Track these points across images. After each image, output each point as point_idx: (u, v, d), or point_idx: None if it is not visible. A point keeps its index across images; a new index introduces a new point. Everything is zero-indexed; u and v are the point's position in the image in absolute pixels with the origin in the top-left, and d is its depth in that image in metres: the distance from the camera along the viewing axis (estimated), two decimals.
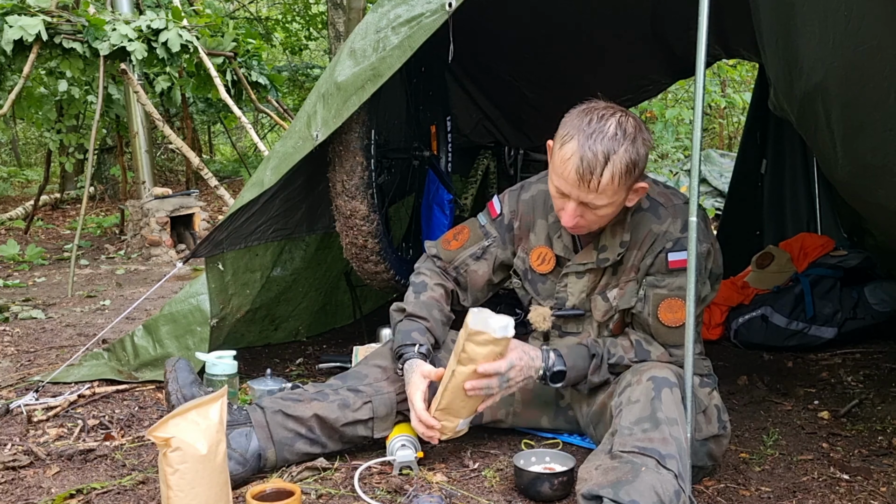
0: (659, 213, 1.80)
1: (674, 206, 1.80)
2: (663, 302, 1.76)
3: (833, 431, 2.15)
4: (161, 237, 6.16)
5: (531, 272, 1.97)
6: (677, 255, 1.75)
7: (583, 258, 1.87)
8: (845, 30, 1.51)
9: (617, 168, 1.62)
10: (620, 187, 1.66)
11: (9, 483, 1.78)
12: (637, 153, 1.65)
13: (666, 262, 1.77)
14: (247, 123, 5.51)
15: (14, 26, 4.70)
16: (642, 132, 1.68)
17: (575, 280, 1.90)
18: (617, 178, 1.63)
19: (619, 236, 1.82)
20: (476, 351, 1.63)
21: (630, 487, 1.40)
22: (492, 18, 2.83)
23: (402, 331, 1.90)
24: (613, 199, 1.68)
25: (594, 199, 1.66)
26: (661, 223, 1.79)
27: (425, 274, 2.02)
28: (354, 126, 2.24)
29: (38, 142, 13.97)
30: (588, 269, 1.87)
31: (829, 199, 3.70)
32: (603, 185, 1.63)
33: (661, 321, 1.77)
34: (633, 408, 1.58)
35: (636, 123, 1.68)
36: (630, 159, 1.64)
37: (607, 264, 1.83)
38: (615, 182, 1.64)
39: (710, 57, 2.70)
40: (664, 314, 1.76)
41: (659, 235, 1.78)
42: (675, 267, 1.76)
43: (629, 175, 1.65)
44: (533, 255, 1.96)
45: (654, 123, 9.15)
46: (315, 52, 15.33)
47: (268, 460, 1.79)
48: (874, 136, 1.61)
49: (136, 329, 2.55)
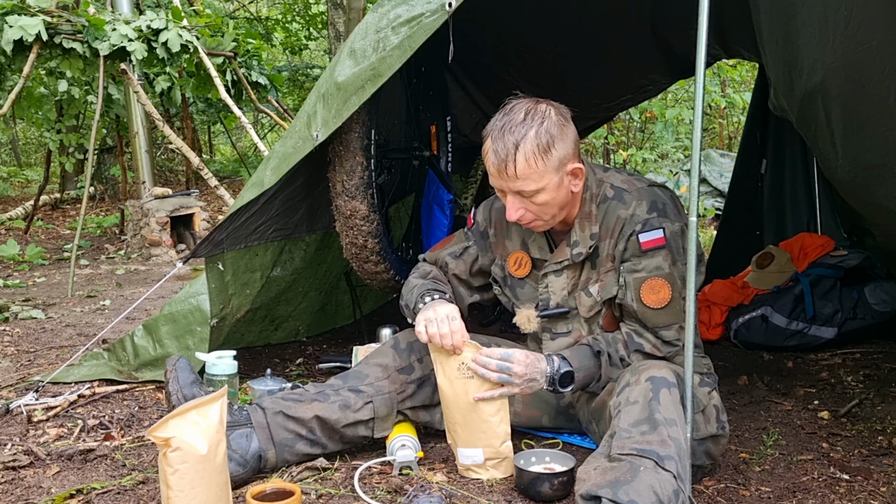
0: (624, 199, 1.81)
1: (637, 190, 1.82)
2: (644, 284, 1.77)
3: (833, 431, 2.15)
4: (161, 237, 6.16)
5: (510, 278, 1.99)
6: (648, 234, 1.76)
7: (558, 256, 1.89)
8: (845, 30, 1.51)
9: (529, 150, 1.68)
10: (543, 170, 1.70)
11: (9, 483, 1.78)
12: (549, 134, 1.69)
13: (638, 245, 1.77)
14: (247, 123, 5.51)
15: (14, 26, 4.70)
16: (558, 117, 1.73)
17: (554, 279, 1.91)
18: (532, 161, 1.68)
19: (587, 229, 1.84)
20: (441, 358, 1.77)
21: (629, 487, 1.40)
22: (492, 18, 2.83)
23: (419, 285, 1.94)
24: (543, 184, 1.71)
25: (522, 185, 1.71)
26: (626, 208, 1.80)
27: (425, 269, 2.05)
28: (354, 126, 2.24)
29: (38, 142, 13.97)
30: (564, 266, 1.89)
31: (829, 199, 3.70)
32: (521, 171, 1.68)
33: (646, 304, 1.77)
34: (631, 409, 1.58)
35: (549, 109, 1.73)
36: (541, 141, 1.69)
37: (581, 258, 1.85)
38: (532, 164, 1.68)
39: (710, 57, 2.69)
40: (647, 296, 1.76)
41: (627, 220, 1.79)
42: (648, 247, 1.77)
43: (546, 155, 1.69)
44: (510, 261, 1.98)
45: (654, 123, 9.14)
46: (315, 52, 15.33)
47: (268, 461, 1.79)
48: (874, 136, 1.62)
49: (136, 329, 2.55)
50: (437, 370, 1.80)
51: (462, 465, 1.79)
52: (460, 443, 1.78)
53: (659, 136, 9.43)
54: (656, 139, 9.82)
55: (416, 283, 1.97)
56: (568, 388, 1.76)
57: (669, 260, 1.75)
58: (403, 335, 2.02)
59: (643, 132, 10.39)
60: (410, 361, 1.95)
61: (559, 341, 1.93)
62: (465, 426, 1.76)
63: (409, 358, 1.95)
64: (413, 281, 1.99)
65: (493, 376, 1.72)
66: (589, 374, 1.78)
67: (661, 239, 1.76)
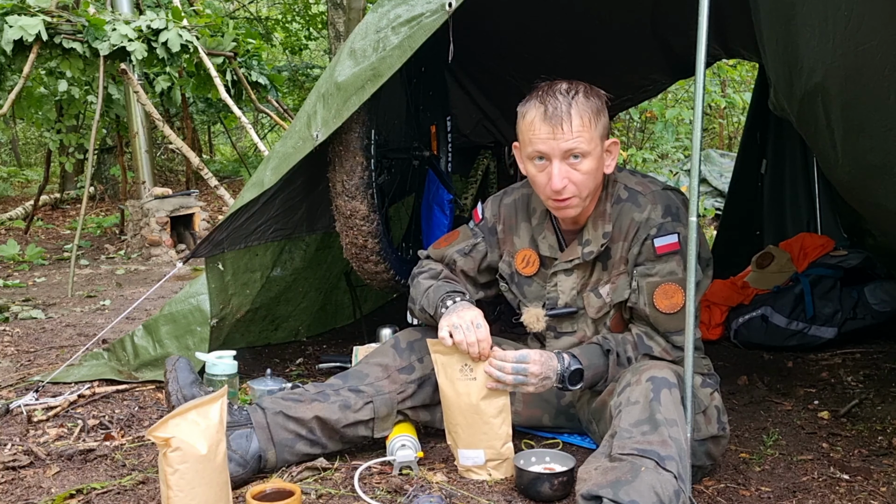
0: (638, 202, 1.81)
1: (652, 193, 1.81)
2: (657, 289, 1.76)
3: (833, 431, 2.15)
4: (161, 237, 6.16)
5: (517, 275, 1.98)
6: (663, 240, 1.76)
7: (569, 255, 1.88)
8: (845, 30, 1.51)
9: (583, 108, 1.70)
10: (593, 132, 1.71)
11: (9, 483, 1.78)
12: (597, 98, 1.73)
13: (653, 249, 1.77)
14: (247, 123, 5.51)
15: (14, 26, 4.70)
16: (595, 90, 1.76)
17: (564, 278, 1.90)
18: (587, 119, 1.70)
19: (600, 228, 1.83)
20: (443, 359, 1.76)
21: (629, 487, 1.40)
22: (492, 18, 2.83)
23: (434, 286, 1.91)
24: (591, 147, 1.71)
25: (576, 144, 1.69)
26: (641, 211, 1.79)
27: (431, 267, 2.02)
28: (354, 126, 2.24)
29: (38, 142, 13.97)
30: (575, 266, 1.88)
31: (829, 199, 3.70)
32: (576, 128, 1.69)
33: (658, 309, 1.76)
34: (632, 409, 1.58)
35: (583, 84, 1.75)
36: (592, 103, 1.72)
37: (592, 257, 1.84)
38: (586, 123, 1.70)
39: (710, 57, 2.69)
40: (660, 301, 1.76)
41: (642, 223, 1.79)
42: (662, 252, 1.76)
43: (596, 118, 1.71)
44: (518, 258, 1.97)
45: (654, 123, 9.14)
46: (315, 52, 15.32)
47: (268, 461, 1.79)
48: (874, 136, 1.61)
49: (136, 329, 2.55)
50: (439, 371, 1.79)
51: (462, 465, 1.79)
52: (461, 444, 1.77)
53: (659, 136, 9.44)
54: (656, 139, 9.82)
55: (429, 284, 1.94)
56: (578, 385, 1.76)
57: (683, 265, 1.74)
58: (404, 335, 2.01)
59: (643, 132, 10.40)
60: (411, 361, 1.94)
61: (563, 340, 1.93)
62: (467, 427, 1.75)
63: (409, 358, 1.95)
64: (424, 282, 1.96)
65: (509, 379, 1.71)
66: (598, 372, 1.78)
67: (675, 244, 1.75)
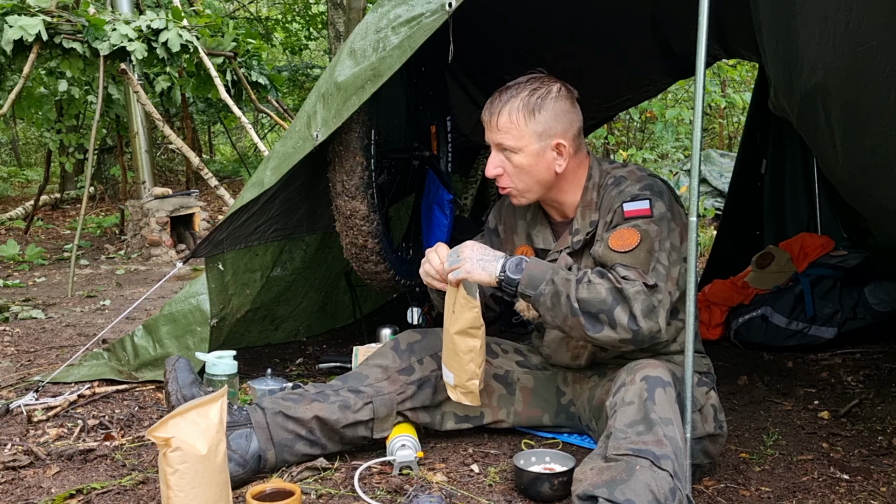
0: (621, 184, 1.82)
1: (637, 176, 1.83)
2: (615, 232, 1.74)
3: (833, 431, 2.15)
4: (161, 237, 6.16)
5: None
6: (632, 204, 1.76)
7: (560, 245, 1.92)
8: (845, 30, 1.51)
9: (514, 107, 1.78)
10: (524, 130, 1.77)
11: (9, 483, 1.78)
12: (540, 100, 1.78)
13: (622, 213, 1.76)
14: (247, 123, 5.51)
15: (14, 26, 4.70)
16: (560, 93, 1.80)
17: None
18: (515, 117, 1.77)
19: (588, 217, 1.86)
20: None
21: (625, 486, 1.40)
22: (492, 18, 2.83)
23: None
24: (522, 145, 1.78)
25: (501, 138, 1.79)
26: (622, 189, 1.80)
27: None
28: (354, 126, 2.24)
29: (38, 142, 13.97)
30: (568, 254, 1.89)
31: (829, 199, 3.70)
32: (502, 124, 1.78)
33: (611, 247, 1.72)
34: (626, 410, 1.58)
35: (555, 85, 1.80)
36: (530, 103, 1.77)
37: (581, 244, 1.86)
38: (514, 120, 1.77)
39: (710, 57, 2.69)
40: (614, 241, 1.73)
41: (617, 196, 1.80)
42: (630, 215, 1.75)
43: (529, 117, 1.77)
44: (516, 254, 1.99)
45: (654, 123, 9.15)
46: (315, 52, 15.33)
47: (268, 461, 1.79)
48: (874, 136, 1.61)
49: (136, 329, 2.55)
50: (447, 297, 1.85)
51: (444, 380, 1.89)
52: (444, 361, 1.87)
53: (659, 136, 9.44)
54: (656, 139, 9.82)
55: None
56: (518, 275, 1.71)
57: (649, 225, 1.71)
58: (403, 336, 2.02)
59: (643, 132, 10.40)
60: (410, 363, 1.95)
61: None
62: (446, 350, 1.85)
63: (409, 359, 1.95)
64: None
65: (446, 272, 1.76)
66: (540, 269, 1.71)
67: (646, 210, 1.73)
